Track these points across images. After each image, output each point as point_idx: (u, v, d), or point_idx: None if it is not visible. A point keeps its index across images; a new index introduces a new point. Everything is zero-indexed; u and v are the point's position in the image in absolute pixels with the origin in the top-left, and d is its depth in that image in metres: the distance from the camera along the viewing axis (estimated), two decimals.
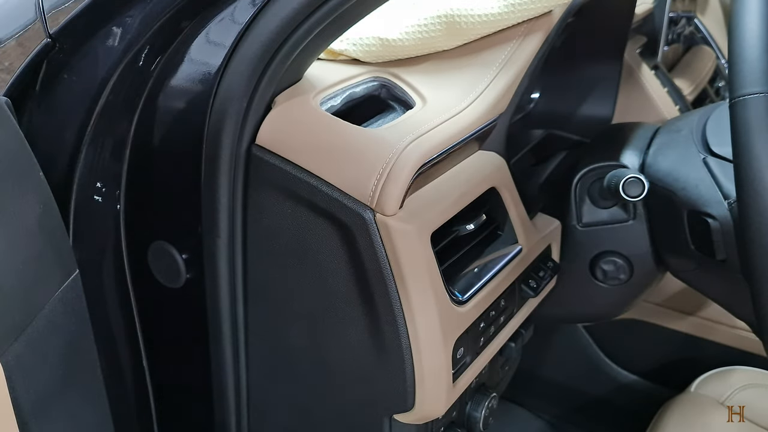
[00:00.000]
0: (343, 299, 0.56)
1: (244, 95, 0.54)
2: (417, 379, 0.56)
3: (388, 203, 0.53)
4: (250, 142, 0.56)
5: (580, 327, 1.23)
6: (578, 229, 0.82)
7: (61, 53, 0.59)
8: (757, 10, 0.61)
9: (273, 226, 0.57)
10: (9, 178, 0.48)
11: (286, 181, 0.55)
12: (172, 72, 0.58)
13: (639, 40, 1.20)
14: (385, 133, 0.58)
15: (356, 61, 0.71)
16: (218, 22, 0.56)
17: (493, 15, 0.71)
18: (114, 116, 0.59)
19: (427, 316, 0.56)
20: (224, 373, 0.64)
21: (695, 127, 0.80)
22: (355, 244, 0.54)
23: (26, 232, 0.48)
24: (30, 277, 0.48)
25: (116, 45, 0.58)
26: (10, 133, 0.49)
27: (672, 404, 0.91)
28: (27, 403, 0.47)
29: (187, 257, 0.61)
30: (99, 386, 0.57)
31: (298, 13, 0.52)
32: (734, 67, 0.60)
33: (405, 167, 0.53)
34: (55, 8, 0.58)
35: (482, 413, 0.72)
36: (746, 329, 1.02)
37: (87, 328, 0.55)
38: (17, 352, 0.46)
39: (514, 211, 0.70)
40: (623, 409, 1.22)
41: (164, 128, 0.60)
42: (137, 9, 0.57)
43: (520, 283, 0.71)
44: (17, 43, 0.59)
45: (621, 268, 0.83)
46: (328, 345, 0.60)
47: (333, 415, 0.64)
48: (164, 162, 0.61)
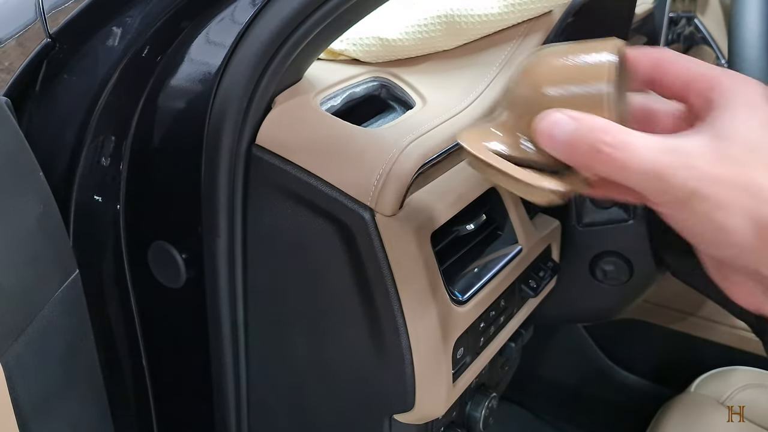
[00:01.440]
0: (343, 299, 0.56)
1: (244, 95, 0.54)
2: (417, 379, 0.56)
3: (388, 203, 0.53)
4: (250, 142, 0.56)
5: (580, 327, 1.23)
6: (578, 229, 0.82)
7: (61, 53, 0.59)
8: (757, 10, 0.61)
9: (273, 226, 0.57)
10: (9, 178, 0.48)
11: (286, 181, 0.55)
12: (172, 72, 0.58)
13: (639, 40, 1.20)
14: (385, 133, 0.58)
15: (356, 61, 0.71)
16: (218, 22, 0.56)
17: (493, 15, 0.71)
18: (114, 116, 0.59)
19: (427, 316, 0.56)
20: (224, 373, 0.64)
21: None
22: (355, 245, 0.54)
23: (26, 232, 0.48)
24: (30, 277, 0.48)
25: (116, 45, 0.58)
26: (10, 133, 0.49)
27: (672, 404, 0.91)
28: (27, 403, 0.47)
29: (187, 257, 0.61)
30: (99, 386, 0.57)
31: (298, 13, 0.52)
32: (734, 67, 0.60)
33: (405, 167, 0.53)
34: (55, 8, 0.58)
35: (482, 413, 0.72)
36: (746, 329, 1.02)
37: (87, 328, 0.55)
38: (17, 352, 0.46)
39: (514, 211, 0.70)
40: (623, 409, 1.22)
41: (164, 128, 0.60)
42: (137, 9, 0.57)
43: (520, 283, 0.71)
44: (17, 43, 0.59)
45: (621, 268, 0.83)
46: (328, 345, 0.60)
47: (333, 415, 0.64)
48: (164, 162, 0.61)
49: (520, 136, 0.41)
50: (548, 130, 0.38)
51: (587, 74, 0.38)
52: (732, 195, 0.33)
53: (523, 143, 0.41)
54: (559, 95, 0.38)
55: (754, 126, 0.35)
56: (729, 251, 0.35)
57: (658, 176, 0.34)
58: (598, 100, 0.37)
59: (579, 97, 0.38)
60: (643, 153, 0.35)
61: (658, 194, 0.35)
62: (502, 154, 0.41)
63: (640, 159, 0.35)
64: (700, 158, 0.34)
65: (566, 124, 0.37)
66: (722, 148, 0.34)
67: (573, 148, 0.37)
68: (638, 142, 0.35)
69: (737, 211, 0.33)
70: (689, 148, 0.35)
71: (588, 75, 0.38)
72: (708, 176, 0.34)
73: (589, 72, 0.38)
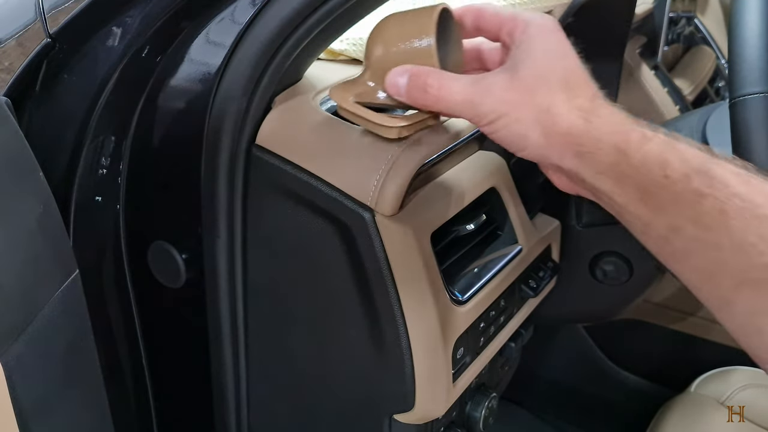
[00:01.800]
0: (343, 299, 0.56)
1: (244, 95, 0.54)
2: (417, 379, 0.56)
3: (388, 203, 0.53)
4: (249, 142, 0.56)
5: (580, 327, 1.23)
6: (578, 229, 0.82)
7: (61, 53, 0.59)
8: (757, 10, 0.61)
9: (273, 226, 0.57)
10: (9, 178, 0.48)
11: (285, 181, 0.55)
12: (172, 72, 0.58)
13: (639, 40, 1.20)
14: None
15: (356, 61, 0.71)
16: (218, 22, 0.57)
17: None
18: (114, 116, 0.59)
19: (427, 316, 0.56)
20: (224, 373, 0.64)
21: (695, 127, 0.80)
22: (354, 244, 0.54)
23: (26, 232, 0.48)
24: (30, 277, 0.48)
25: (116, 45, 0.58)
26: (10, 133, 0.49)
27: (672, 404, 0.91)
28: (27, 403, 0.47)
29: (187, 257, 0.61)
30: (99, 386, 0.57)
31: (298, 13, 0.52)
32: (734, 67, 0.60)
33: (405, 167, 0.53)
34: (55, 8, 0.58)
35: (482, 413, 0.72)
36: None
37: (87, 328, 0.55)
38: (17, 352, 0.46)
39: (514, 211, 0.70)
40: (623, 409, 1.22)
41: (164, 128, 0.60)
42: (137, 9, 0.57)
43: (520, 283, 0.71)
44: (17, 43, 0.59)
45: (621, 268, 0.83)
46: (328, 345, 0.60)
47: (333, 415, 0.64)
48: (164, 162, 0.61)
49: (377, 87, 0.52)
50: (392, 82, 0.49)
51: (418, 32, 0.49)
52: (523, 112, 0.44)
53: (380, 93, 0.52)
54: (401, 50, 0.50)
55: (541, 56, 0.45)
56: (531, 152, 0.45)
57: (469, 104, 0.46)
58: (428, 50, 0.49)
59: (414, 50, 0.49)
60: (456, 88, 0.47)
61: (474, 117, 0.47)
62: (364, 103, 0.52)
63: (455, 93, 0.47)
64: (498, 87, 0.45)
65: (402, 76, 0.49)
66: (515, 77, 0.45)
67: (408, 92, 0.49)
68: (452, 81, 0.47)
69: (529, 123, 0.44)
70: (490, 80, 0.46)
71: (418, 33, 0.49)
72: (504, 100, 0.45)
73: (419, 31, 0.49)
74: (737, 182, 0.39)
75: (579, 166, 0.43)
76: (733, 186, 0.39)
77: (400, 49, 0.50)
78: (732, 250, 0.38)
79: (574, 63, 0.46)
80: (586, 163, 0.43)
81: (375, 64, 0.52)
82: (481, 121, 0.46)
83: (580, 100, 0.44)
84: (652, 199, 0.41)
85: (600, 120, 0.43)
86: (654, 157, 0.41)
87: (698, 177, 0.39)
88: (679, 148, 0.41)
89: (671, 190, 0.40)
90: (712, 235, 0.39)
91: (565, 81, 0.44)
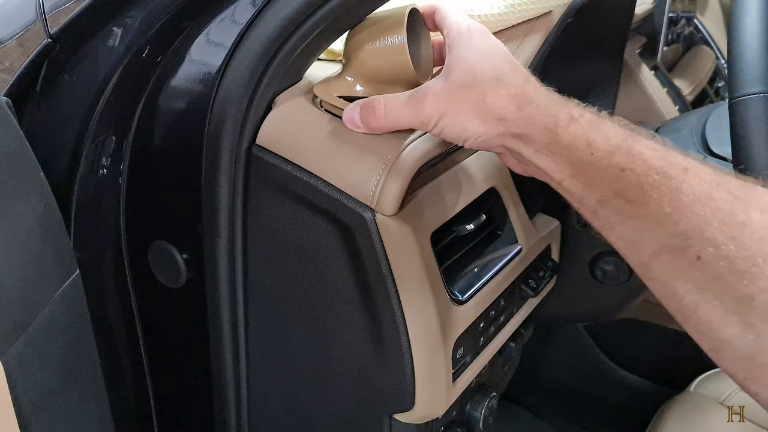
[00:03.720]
0: (343, 299, 0.57)
1: (245, 95, 0.55)
2: (417, 379, 0.56)
3: (388, 203, 0.53)
4: (250, 142, 0.56)
5: (580, 327, 1.23)
6: (578, 229, 0.82)
7: (62, 54, 0.59)
8: (756, 10, 0.61)
9: (273, 226, 0.58)
10: (9, 178, 0.48)
11: (286, 181, 0.55)
12: (172, 72, 0.58)
13: (639, 40, 1.20)
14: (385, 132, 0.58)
15: None
16: (218, 22, 0.57)
17: (493, 15, 0.71)
18: (114, 116, 0.59)
19: (426, 316, 0.56)
20: (224, 373, 0.64)
21: (695, 127, 0.80)
22: (355, 244, 0.54)
23: (26, 232, 0.48)
24: (30, 277, 0.48)
25: (117, 45, 0.58)
26: (11, 133, 0.49)
27: (672, 404, 0.91)
28: (27, 402, 0.47)
29: (187, 257, 0.61)
30: (99, 386, 0.57)
31: (299, 13, 0.53)
32: (734, 67, 0.60)
33: (405, 167, 0.53)
34: (56, 8, 0.58)
35: (482, 413, 0.72)
36: None
37: (87, 328, 0.55)
38: (18, 352, 0.46)
39: (514, 211, 0.70)
40: (623, 409, 1.22)
41: (164, 128, 0.60)
42: (137, 9, 0.57)
43: (520, 283, 0.71)
44: (18, 43, 0.60)
45: (621, 268, 0.83)
46: (328, 345, 0.60)
47: (333, 415, 0.64)
48: (164, 162, 0.61)
49: (355, 82, 0.56)
50: (349, 118, 0.54)
51: (390, 31, 0.54)
52: (460, 107, 0.48)
53: (358, 86, 0.57)
54: (376, 47, 0.54)
55: (471, 57, 0.49)
56: (474, 141, 0.49)
57: (414, 114, 0.51)
58: (400, 47, 0.53)
59: (387, 47, 0.54)
60: (399, 104, 0.52)
61: (421, 125, 0.51)
62: (345, 96, 0.56)
63: (399, 108, 0.52)
64: (434, 92, 0.49)
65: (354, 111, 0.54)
66: (448, 80, 0.49)
67: (364, 122, 0.54)
68: (395, 99, 0.52)
69: (467, 115, 0.48)
70: (428, 86, 0.50)
71: (391, 31, 0.54)
72: (442, 101, 0.49)
73: (391, 29, 0.54)
74: (654, 157, 0.42)
75: (519, 146, 0.48)
76: (650, 161, 0.42)
77: (375, 46, 0.54)
78: (650, 220, 0.41)
79: (500, 58, 0.49)
80: (524, 143, 0.47)
81: (353, 61, 0.56)
82: (427, 125, 0.50)
83: (511, 89, 0.47)
84: (582, 174, 0.45)
85: (531, 105, 0.47)
86: (581, 135, 0.45)
87: (619, 153, 0.43)
88: (603, 127, 0.45)
89: (597, 166, 0.43)
90: (633, 207, 0.42)
91: (494, 76, 0.48)
